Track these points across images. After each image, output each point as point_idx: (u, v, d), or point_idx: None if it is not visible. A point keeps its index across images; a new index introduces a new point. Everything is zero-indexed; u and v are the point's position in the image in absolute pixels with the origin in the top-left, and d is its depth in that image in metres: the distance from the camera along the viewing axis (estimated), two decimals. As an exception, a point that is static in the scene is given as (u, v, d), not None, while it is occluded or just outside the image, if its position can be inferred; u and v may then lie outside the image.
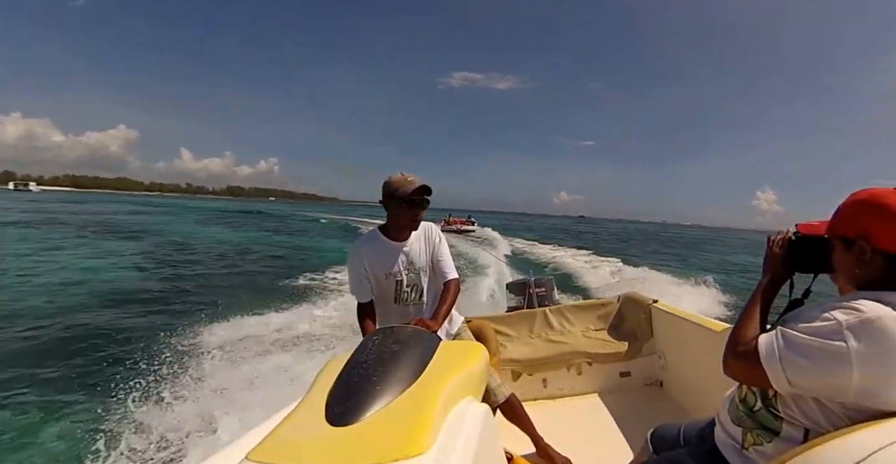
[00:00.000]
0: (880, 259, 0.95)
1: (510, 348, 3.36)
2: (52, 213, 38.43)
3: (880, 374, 0.86)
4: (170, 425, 4.12)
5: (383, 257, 2.14)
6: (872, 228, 0.96)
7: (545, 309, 3.66)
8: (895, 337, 0.85)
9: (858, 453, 0.82)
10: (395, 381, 1.22)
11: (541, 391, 3.25)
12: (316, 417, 1.11)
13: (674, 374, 3.03)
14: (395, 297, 2.19)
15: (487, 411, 1.32)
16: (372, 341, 1.44)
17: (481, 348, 1.69)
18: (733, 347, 1.06)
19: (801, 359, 0.91)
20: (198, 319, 7.07)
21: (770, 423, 1.06)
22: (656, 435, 1.49)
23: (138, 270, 13.57)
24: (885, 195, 0.95)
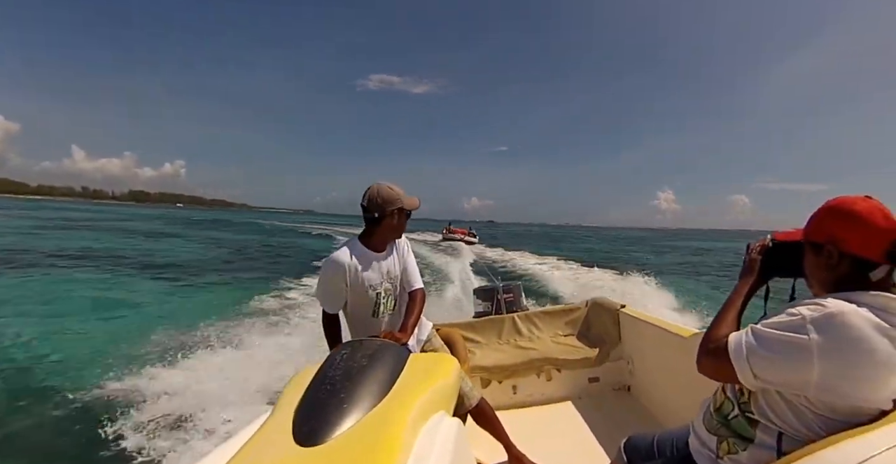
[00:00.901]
0: (847, 263, 0.99)
1: (479, 354, 3.32)
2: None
3: (839, 366, 0.89)
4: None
5: (368, 270, 2.09)
6: (839, 234, 0.99)
7: (514, 315, 3.65)
8: (854, 330, 0.88)
9: (848, 461, 0.82)
10: (363, 397, 1.16)
11: (511, 398, 3.22)
12: (283, 436, 1.05)
13: (642, 379, 3.05)
14: (373, 310, 2.13)
15: (460, 425, 1.28)
16: (340, 355, 1.38)
17: (452, 361, 1.65)
18: (705, 345, 1.10)
19: (766, 352, 0.95)
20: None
21: (745, 431, 1.06)
22: (630, 445, 1.48)
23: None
24: (852, 202, 0.99)
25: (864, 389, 0.91)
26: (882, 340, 0.88)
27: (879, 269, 0.96)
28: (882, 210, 0.96)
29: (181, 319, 7.89)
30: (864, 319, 0.90)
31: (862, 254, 0.96)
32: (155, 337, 6.73)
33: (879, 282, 0.97)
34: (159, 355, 5.88)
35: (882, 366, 0.89)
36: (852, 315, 0.90)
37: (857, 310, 0.90)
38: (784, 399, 0.99)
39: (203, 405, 4.47)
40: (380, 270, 2.10)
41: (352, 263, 2.05)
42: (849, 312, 0.90)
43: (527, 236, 54.48)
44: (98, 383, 5.19)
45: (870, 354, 0.88)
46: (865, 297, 0.94)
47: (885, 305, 0.92)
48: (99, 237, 26.97)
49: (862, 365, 0.89)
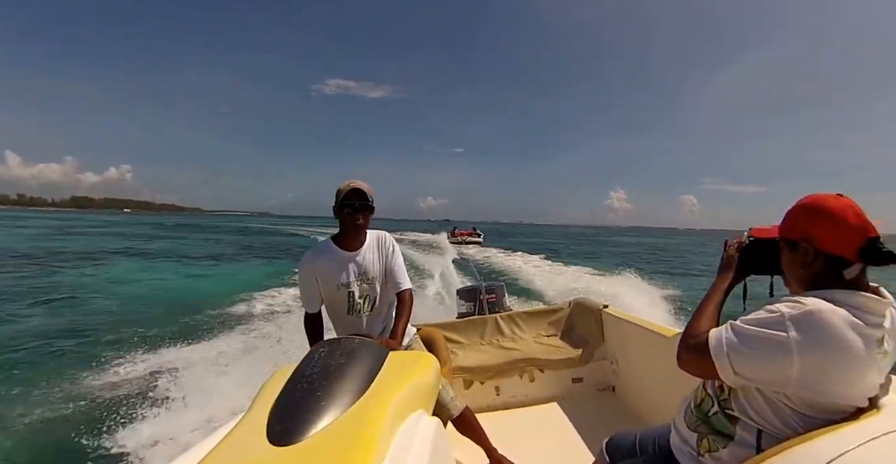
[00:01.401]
0: (822, 261, 1.00)
1: (461, 355, 3.29)
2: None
3: (817, 363, 0.90)
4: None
5: (335, 268, 2.07)
6: (814, 232, 1.00)
7: (496, 316, 3.62)
8: (832, 328, 0.89)
9: (819, 460, 0.82)
10: (340, 396, 1.14)
11: (493, 399, 3.19)
12: (256, 435, 1.02)
13: (626, 379, 3.05)
14: (347, 308, 2.12)
15: (438, 425, 1.25)
16: (318, 354, 1.35)
17: (431, 359, 1.63)
18: (686, 340, 1.10)
19: (746, 349, 0.95)
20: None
21: (725, 428, 1.06)
22: (612, 444, 1.46)
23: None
24: (825, 200, 1.00)
25: (841, 385, 0.92)
26: (858, 337, 0.89)
27: (853, 267, 0.97)
28: (854, 208, 0.97)
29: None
30: (841, 317, 0.90)
31: (836, 252, 0.97)
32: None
33: (854, 280, 0.97)
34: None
35: (858, 363, 0.90)
36: (830, 313, 0.91)
37: (834, 308, 0.91)
38: (763, 396, 0.99)
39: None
40: (350, 269, 2.07)
41: (320, 262, 2.06)
42: (826, 311, 0.91)
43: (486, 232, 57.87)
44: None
45: (847, 351, 0.89)
46: (842, 295, 0.95)
47: (861, 304, 0.93)
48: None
49: (839, 362, 0.90)
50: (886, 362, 0.96)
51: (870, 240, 0.94)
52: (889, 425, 0.85)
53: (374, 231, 2.16)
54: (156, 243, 32.13)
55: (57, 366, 6.26)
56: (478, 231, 38.97)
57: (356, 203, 1.99)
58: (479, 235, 38.22)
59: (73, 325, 8.61)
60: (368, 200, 2.00)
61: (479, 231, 39.07)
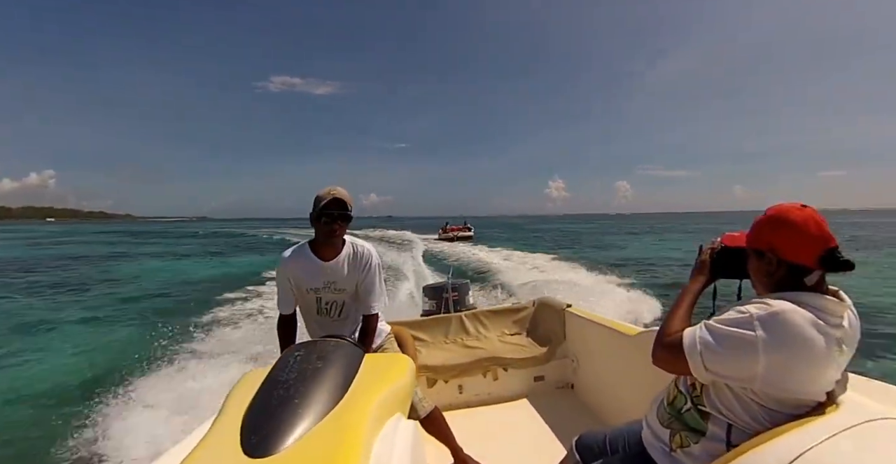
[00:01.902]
0: (785, 268, 1.06)
1: (425, 353, 3.27)
2: None
3: (782, 360, 0.96)
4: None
5: (306, 273, 2.05)
6: (778, 242, 1.07)
7: (461, 314, 3.63)
8: (796, 328, 0.96)
9: (787, 454, 0.87)
10: (318, 402, 1.09)
11: (457, 398, 3.20)
12: (229, 447, 0.96)
13: (585, 377, 3.13)
14: (317, 309, 2.13)
15: (416, 429, 1.24)
16: (293, 357, 1.30)
17: (408, 361, 1.61)
18: (660, 339, 1.15)
19: (717, 346, 1.02)
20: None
21: (697, 424, 1.12)
22: (581, 443, 1.49)
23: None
24: (789, 212, 1.06)
25: (803, 382, 0.98)
26: (819, 336, 0.96)
27: (813, 274, 1.04)
28: (815, 219, 1.04)
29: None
30: (804, 317, 0.97)
31: (798, 261, 1.04)
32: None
33: (814, 286, 1.05)
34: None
35: (820, 360, 0.97)
36: (794, 313, 0.97)
37: (798, 309, 0.98)
38: (733, 392, 1.05)
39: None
40: (320, 277, 2.05)
41: (293, 264, 2.05)
42: (791, 311, 0.98)
43: (425, 227, 59.83)
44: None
45: (809, 349, 0.96)
46: (806, 297, 1.02)
47: (822, 306, 1.00)
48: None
49: (802, 360, 0.96)
50: (843, 360, 1.03)
51: (829, 250, 1.01)
52: (849, 421, 0.91)
53: (356, 242, 2.11)
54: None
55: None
56: (468, 225, 38.56)
57: (335, 213, 1.94)
58: (470, 229, 37.95)
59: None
60: (348, 209, 1.96)
61: (469, 225, 38.69)
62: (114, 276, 19.04)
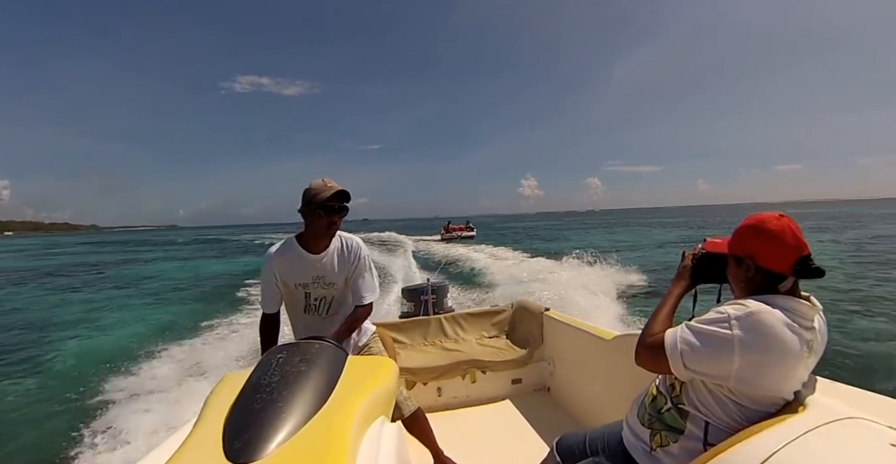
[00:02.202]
0: (762, 274, 1.13)
1: (404, 355, 3.28)
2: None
3: (756, 358, 1.02)
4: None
5: (295, 268, 2.01)
6: (756, 250, 1.13)
7: (440, 316, 3.65)
8: (770, 328, 1.02)
9: (759, 454, 0.91)
10: (302, 405, 1.08)
11: (435, 400, 3.20)
12: (212, 452, 0.93)
13: (561, 380, 3.17)
14: (304, 307, 2.08)
15: (400, 431, 1.24)
16: (276, 359, 1.28)
17: (391, 364, 1.60)
18: (643, 339, 1.21)
19: (695, 345, 1.08)
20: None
21: (676, 422, 1.16)
22: (562, 444, 1.52)
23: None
24: (767, 221, 1.12)
25: (775, 379, 1.04)
26: (792, 336, 1.02)
27: (788, 280, 1.11)
28: (792, 229, 1.10)
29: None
30: (777, 318, 1.03)
31: (773, 268, 1.11)
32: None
33: (788, 291, 1.11)
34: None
35: (791, 360, 1.03)
36: (768, 314, 1.03)
37: (772, 310, 1.04)
38: (709, 391, 1.11)
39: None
40: (309, 271, 2.01)
41: (280, 259, 2.00)
42: (765, 312, 1.04)
43: (402, 229, 62.01)
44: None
45: (782, 348, 1.02)
46: (781, 300, 1.08)
47: (795, 309, 1.07)
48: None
49: (775, 358, 1.02)
50: (811, 362, 1.09)
51: (802, 258, 1.08)
52: (817, 421, 0.96)
53: (343, 234, 2.08)
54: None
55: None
56: (471, 225, 38.54)
57: (335, 205, 1.92)
58: (472, 229, 37.90)
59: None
60: (348, 201, 1.95)
61: (471, 225, 38.66)
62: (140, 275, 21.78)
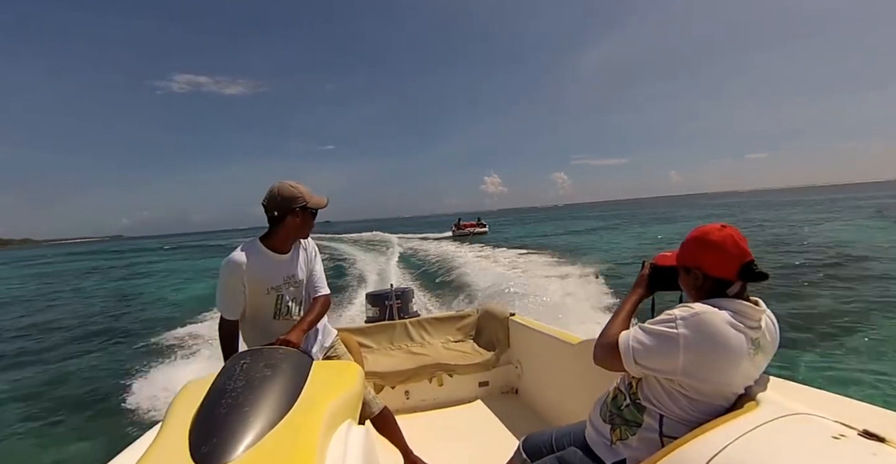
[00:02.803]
0: (710, 282, 1.23)
1: (371, 360, 3.29)
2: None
3: (700, 354, 1.11)
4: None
5: (266, 271, 1.97)
6: (702, 261, 1.23)
7: (406, 321, 3.68)
8: (713, 326, 1.11)
9: (712, 449, 0.97)
10: (269, 410, 1.07)
11: (403, 404, 3.23)
12: (178, 457, 0.92)
13: (529, 382, 3.23)
14: (274, 313, 2.02)
15: (367, 433, 1.25)
16: (240, 365, 1.26)
17: (357, 368, 1.61)
18: (600, 340, 1.32)
19: (646, 343, 1.18)
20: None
21: (634, 417, 1.24)
22: (528, 443, 1.56)
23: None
24: (710, 233, 1.23)
25: (720, 372, 1.12)
26: (736, 334, 1.11)
27: (734, 285, 1.20)
28: (734, 238, 1.20)
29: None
30: (721, 318, 1.12)
31: (719, 275, 1.20)
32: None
33: (736, 295, 1.20)
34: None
35: (734, 355, 1.11)
36: (711, 314, 1.12)
37: (716, 311, 1.13)
38: (662, 386, 1.19)
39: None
40: (280, 272, 2.00)
41: (249, 263, 1.92)
42: (709, 312, 1.13)
43: (363, 230, 62.64)
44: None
45: (724, 346, 1.10)
46: (726, 302, 1.17)
47: (739, 309, 1.15)
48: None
49: (718, 354, 1.11)
50: (760, 359, 1.18)
51: (746, 264, 1.18)
52: (766, 417, 1.04)
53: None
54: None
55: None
56: (482, 222, 38.52)
57: (316, 212, 2.04)
58: (484, 225, 37.88)
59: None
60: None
61: (483, 222, 38.62)
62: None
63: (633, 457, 1.21)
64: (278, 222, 1.95)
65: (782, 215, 34.19)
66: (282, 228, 1.97)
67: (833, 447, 0.89)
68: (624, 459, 1.23)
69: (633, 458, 1.21)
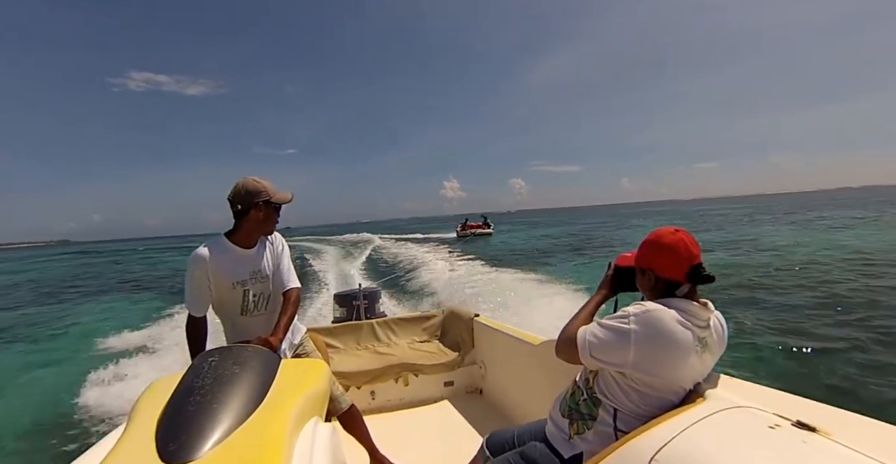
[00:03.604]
0: (663, 283, 1.30)
1: (337, 359, 3.30)
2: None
3: (649, 349, 1.18)
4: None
5: (231, 265, 1.96)
6: (654, 263, 1.31)
7: (372, 321, 3.71)
8: (662, 322, 1.19)
9: (659, 441, 1.04)
10: (237, 407, 1.08)
11: (369, 404, 3.24)
12: (146, 454, 0.92)
13: (493, 382, 3.29)
14: (241, 308, 2.01)
15: (334, 431, 1.27)
16: (208, 363, 1.26)
17: (324, 366, 1.63)
18: (561, 335, 1.40)
19: (600, 336, 1.26)
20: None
21: (591, 411, 1.31)
22: (492, 440, 1.60)
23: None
24: (663, 236, 1.31)
25: (667, 369, 1.20)
26: (684, 332, 1.19)
27: (684, 286, 1.28)
28: (685, 242, 1.28)
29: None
30: (670, 315, 1.20)
31: (670, 277, 1.29)
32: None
33: (686, 295, 1.28)
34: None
35: (681, 351, 1.19)
36: (661, 312, 1.20)
37: (665, 309, 1.21)
38: (615, 380, 1.26)
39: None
40: (246, 267, 1.99)
41: (214, 258, 1.92)
42: (659, 310, 1.21)
43: (328, 234, 63.71)
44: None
45: (673, 342, 1.18)
46: (676, 302, 1.25)
47: (687, 309, 1.24)
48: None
49: (666, 350, 1.19)
50: (708, 357, 1.26)
51: (694, 267, 1.26)
52: (709, 410, 1.12)
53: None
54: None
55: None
56: (488, 222, 38.71)
57: (280, 207, 2.03)
58: (490, 225, 37.99)
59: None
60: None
61: (489, 222, 38.82)
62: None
63: (589, 450, 1.27)
64: (242, 217, 1.96)
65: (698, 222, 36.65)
66: (245, 222, 1.96)
67: (769, 436, 0.97)
68: (581, 452, 1.29)
69: (589, 451, 1.27)
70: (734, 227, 29.12)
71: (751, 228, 27.20)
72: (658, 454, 1.00)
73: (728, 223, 33.20)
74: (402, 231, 54.88)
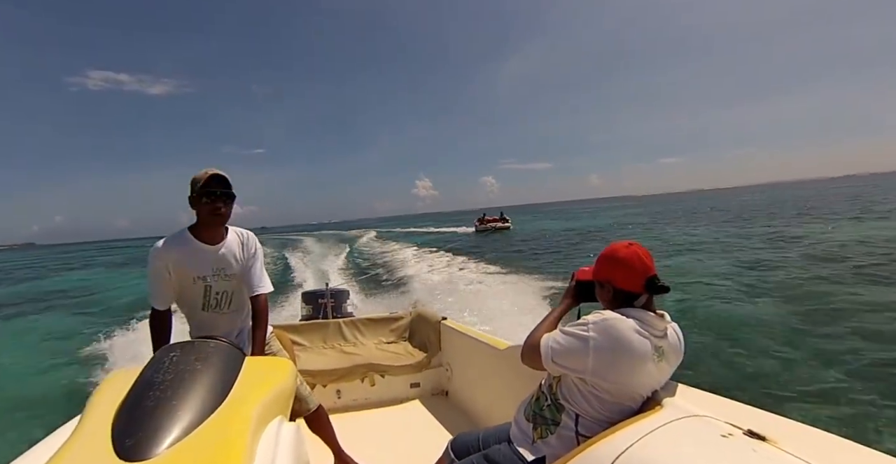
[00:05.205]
0: (620, 294, 1.36)
1: (303, 358, 3.28)
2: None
3: (607, 355, 1.23)
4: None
5: (192, 259, 1.90)
6: (611, 276, 1.37)
7: (340, 321, 3.70)
8: (618, 331, 1.24)
9: (618, 448, 1.08)
10: (198, 404, 1.05)
11: (335, 403, 3.21)
12: (100, 450, 0.89)
13: (459, 384, 3.31)
14: (203, 304, 1.95)
15: (298, 430, 1.25)
16: (169, 358, 1.22)
17: (289, 364, 1.60)
18: (527, 341, 1.45)
19: (561, 343, 1.31)
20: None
21: (554, 416, 1.34)
22: (457, 443, 1.61)
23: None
24: (618, 251, 1.37)
25: (624, 375, 1.25)
26: (640, 340, 1.25)
27: (641, 297, 1.34)
28: (639, 255, 1.33)
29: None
30: (627, 324, 1.25)
31: (626, 289, 1.34)
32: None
33: (643, 306, 1.34)
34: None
35: (637, 359, 1.24)
36: (618, 321, 1.26)
37: (623, 318, 1.27)
38: (577, 386, 1.31)
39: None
40: (208, 262, 1.93)
41: (173, 250, 1.88)
42: (616, 319, 1.26)
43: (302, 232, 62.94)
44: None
45: (629, 350, 1.23)
46: (633, 312, 1.31)
47: (643, 318, 1.29)
48: None
49: (622, 357, 1.24)
50: (665, 366, 1.31)
51: (649, 278, 1.32)
52: (666, 418, 1.17)
53: (239, 229, 2.04)
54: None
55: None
56: (505, 216, 38.36)
57: (218, 191, 1.86)
58: (507, 219, 37.70)
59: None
60: (230, 187, 1.89)
61: (506, 216, 38.46)
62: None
63: (551, 454, 1.30)
64: (194, 209, 1.91)
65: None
66: (198, 216, 1.91)
67: (721, 445, 1.02)
68: (544, 456, 1.32)
69: (551, 455, 1.30)
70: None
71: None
72: (617, 461, 1.04)
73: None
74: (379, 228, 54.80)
